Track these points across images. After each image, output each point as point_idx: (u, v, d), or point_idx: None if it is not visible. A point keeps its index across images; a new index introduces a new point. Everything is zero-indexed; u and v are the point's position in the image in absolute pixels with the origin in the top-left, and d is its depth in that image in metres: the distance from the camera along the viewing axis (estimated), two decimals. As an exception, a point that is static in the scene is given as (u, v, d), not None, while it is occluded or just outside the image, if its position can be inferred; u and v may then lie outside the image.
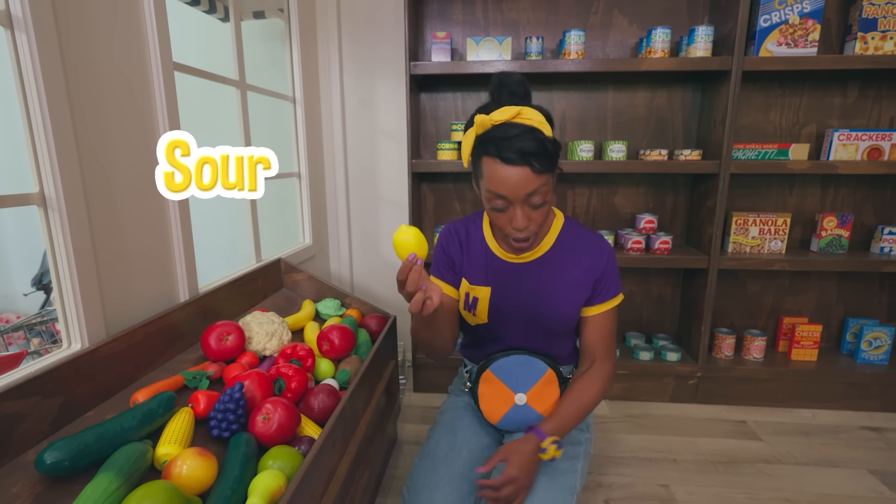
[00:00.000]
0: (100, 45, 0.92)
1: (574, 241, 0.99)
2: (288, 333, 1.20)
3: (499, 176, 0.82)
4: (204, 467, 0.72)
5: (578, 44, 1.67)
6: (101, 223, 0.93)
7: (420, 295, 0.77)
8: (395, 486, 1.39)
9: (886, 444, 1.61)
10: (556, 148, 0.84)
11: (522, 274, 0.99)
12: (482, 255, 1.01)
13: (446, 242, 1.04)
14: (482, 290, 0.99)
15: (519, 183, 0.81)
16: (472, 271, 1.01)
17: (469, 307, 1.02)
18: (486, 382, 1.02)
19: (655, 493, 1.38)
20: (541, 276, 0.98)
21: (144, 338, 0.96)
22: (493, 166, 0.83)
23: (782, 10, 1.58)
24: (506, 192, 0.83)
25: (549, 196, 0.86)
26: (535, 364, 1.00)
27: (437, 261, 1.06)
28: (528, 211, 0.85)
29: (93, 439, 0.70)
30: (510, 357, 1.01)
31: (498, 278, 0.99)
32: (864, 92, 1.78)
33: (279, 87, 1.74)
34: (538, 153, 0.80)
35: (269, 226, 1.74)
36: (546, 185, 0.84)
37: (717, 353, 1.88)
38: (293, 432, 0.88)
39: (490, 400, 1.02)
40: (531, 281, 0.99)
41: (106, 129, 0.94)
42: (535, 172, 0.81)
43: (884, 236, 1.76)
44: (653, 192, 1.94)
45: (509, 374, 1.01)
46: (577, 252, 0.98)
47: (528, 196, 0.83)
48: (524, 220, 0.85)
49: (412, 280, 0.77)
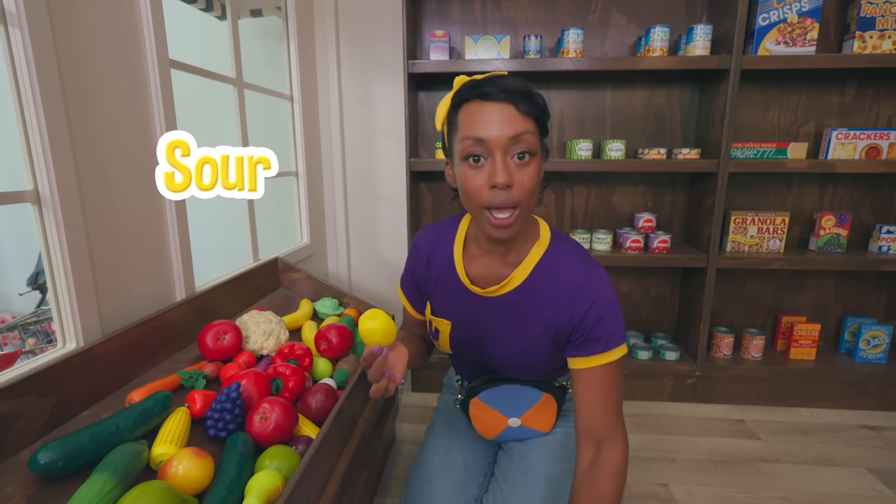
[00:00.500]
0: (95, 42, 0.91)
1: (553, 275, 0.79)
2: (285, 333, 1.19)
3: (478, 117, 0.69)
4: (200, 467, 0.72)
5: (577, 42, 1.66)
6: (97, 221, 0.92)
7: (383, 382, 0.74)
8: (393, 487, 1.38)
9: (885, 443, 1.61)
10: (542, 101, 0.72)
11: (486, 312, 0.84)
12: (447, 278, 0.87)
13: (414, 253, 0.93)
14: (443, 322, 0.89)
15: (500, 120, 0.68)
16: (435, 298, 0.90)
17: (432, 335, 0.93)
18: (476, 408, 0.94)
19: (655, 493, 1.37)
20: (506, 318, 0.82)
21: (140, 337, 0.95)
22: (471, 108, 0.70)
23: (781, 8, 1.58)
24: (484, 134, 0.68)
25: (537, 155, 0.71)
26: (528, 392, 0.91)
27: (406, 273, 0.96)
28: (511, 165, 0.69)
29: (87, 439, 0.70)
30: (500, 387, 0.92)
31: (459, 312, 0.86)
32: (862, 91, 1.78)
33: (277, 86, 1.74)
34: (524, 93, 0.69)
35: (267, 225, 1.73)
36: (534, 136, 0.70)
37: (715, 352, 1.88)
38: (290, 432, 0.88)
39: (482, 422, 0.95)
40: (494, 323, 0.84)
41: (101, 126, 0.93)
42: (519, 112, 0.68)
43: (882, 235, 1.76)
44: (651, 192, 1.93)
45: (500, 401, 0.93)
46: (554, 290, 0.79)
47: (510, 140, 0.68)
48: (505, 174, 0.68)
49: (374, 371, 0.73)
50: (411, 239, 1.79)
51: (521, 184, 0.70)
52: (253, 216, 1.56)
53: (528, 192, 0.71)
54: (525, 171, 0.70)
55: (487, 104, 0.69)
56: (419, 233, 0.94)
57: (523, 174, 0.70)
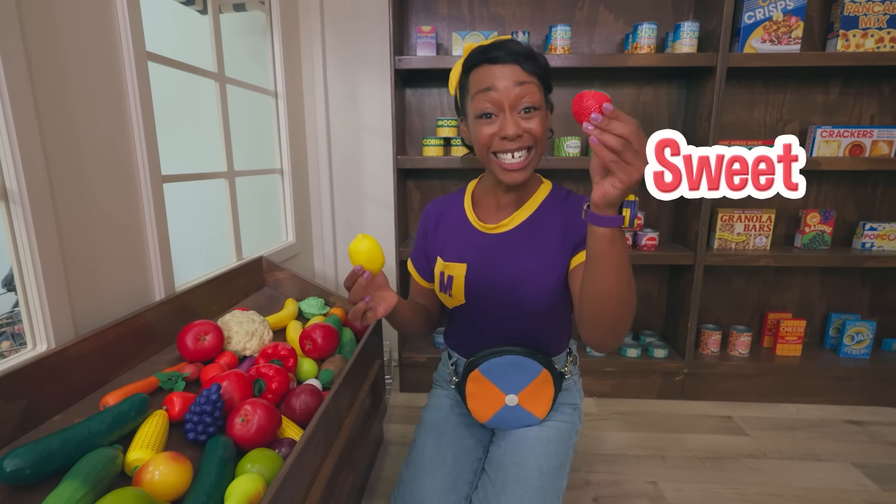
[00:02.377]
0: (66, 31, 0.88)
1: (556, 204, 0.92)
2: (269, 333, 1.16)
3: (488, 76, 0.80)
4: (177, 472, 0.69)
5: (565, 39, 1.66)
6: (69, 217, 0.89)
7: (361, 305, 0.80)
8: (381, 489, 1.36)
9: (869, 438, 1.62)
10: (545, 61, 0.83)
11: (501, 246, 0.92)
12: (459, 227, 0.97)
13: (423, 221, 1.03)
14: (457, 266, 0.93)
15: (507, 79, 0.78)
16: (448, 246, 0.96)
17: (444, 287, 0.96)
18: (474, 382, 0.94)
19: (644, 490, 1.37)
20: (517, 248, 0.90)
21: (116, 338, 0.91)
22: (481, 71, 0.81)
23: (766, 6, 1.59)
24: (496, 85, 0.79)
25: (542, 109, 0.82)
26: (529, 365, 0.92)
27: (416, 245, 1.05)
28: (519, 119, 0.80)
29: (58, 445, 0.66)
30: (501, 358, 0.92)
31: (474, 252, 0.93)
32: (846, 89, 1.79)
33: (260, 82, 1.70)
34: (528, 54, 0.80)
35: (251, 223, 1.70)
36: (538, 92, 0.81)
37: (703, 349, 1.88)
38: (273, 434, 0.85)
39: (478, 399, 0.95)
40: (509, 254, 0.91)
41: (74, 119, 0.90)
42: (525, 71, 0.79)
43: (865, 232, 1.78)
44: (639, 189, 1.93)
45: (500, 375, 0.93)
46: (558, 215, 0.90)
47: (518, 95, 0.79)
48: (515, 127, 0.79)
49: (355, 291, 0.80)
50: (398, 236, 1.77)
51: (529, 130, 0.80)
52: (236, 214, 1.52)
53: (538, 135, 0.81)
54: (532, 120, 0.80)
55: (496, 66, 0.79)
56: (428, 205, 1.05)
57: (531, 122, 0.80)
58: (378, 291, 0.85)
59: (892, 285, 1.93)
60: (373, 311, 0.81)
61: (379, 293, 0.85)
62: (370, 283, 0.81)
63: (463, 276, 0.93)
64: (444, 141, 1.79)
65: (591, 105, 0.56)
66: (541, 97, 0.81)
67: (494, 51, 0.79)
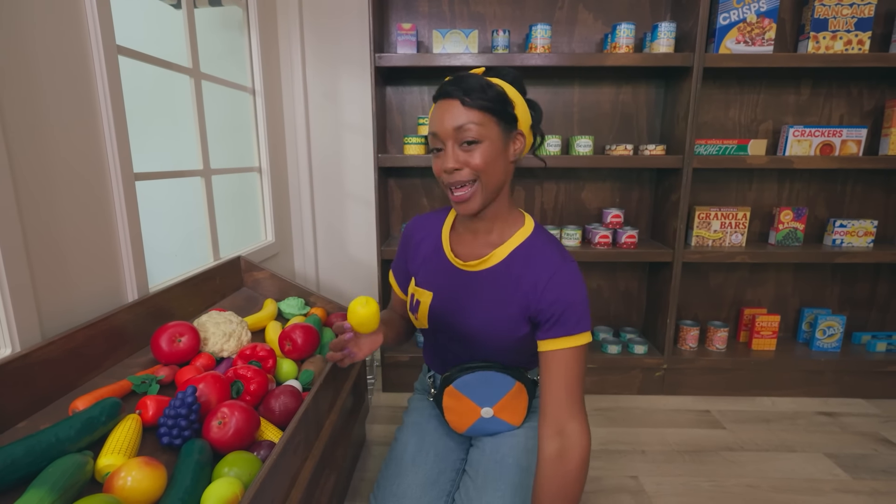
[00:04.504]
0: (31, 22, 0.84)
1: (529, 257, 0.86)
2: (247, 334, 1.14)
3: (436, 112, 0.81)
4: (151, 478, 0.67)
5: (545, 38, 1.66)
6: (34, 214, 0.85)
7: (338, 355, 0.88)
8: (363, 490, 1.34)
9: (840, 429, 1.67)
10: (500, 95, 0.78)
11: (466, 286, 0.90)
12: (433, 256, 0.96)
13: (405, 238, 1.03)
14: (425, 294, 0.94)
15: (446, 114, 0.78)
16: (421, 271, 0.97)
17: (412, 308, 0.97)
18: (450, 396, 0.96)
19: (625, 485, 1.38)
20: (483, 293, 0.88)
21: (86, 341, 0.88)
22: (435, 107, 0.82)
23: (740, 8, 1.62)
24: (436, 128, 0.80)
25: (487, 141, 0.78)
26: (501, 379, 0.92)
27: (397, 258, 1.05)
28: (459, 152, 0.79)
29: (22, 452, 0.64)
30: (474, 374, 0.93)
31: (442, 284, 0.93)
32: (816, 90, 1.84)
33: (237, 79, 1.67)
34: (473, 90, 0.77)
35: (229, 223, 1.67)
36: (482, 126, 0.77)
37: (682, 344, 1.92)
38: (252, 437, 0.83)
39: (455, 413, 0.96)
40: (471, 297, 0.89)
41: (39, 114, 0.86)
42: (464, 106, 0.77)
43: (835, 229, 1.83)
44: (619, 187, 1.96)
45: (474, 390, 0.93)
46: (528, 270, 0.85)
47: (456, 131, 0.78)
48: (453, 160, 0.79)
49: (337, 342, 0.88)
50: (380, 235, 1.76)
51: (467, 162, 0.79)
52: (213, 213, 1.49)
53: (479, 168, 0.79)
54: (472, 153, 0.79)
55: (442, 102, 0.80)
56: (410, 221, 1.04)
57: (471, 156, 0.79)
58: (363, 340, 0.92)
59: (861, 280, 1.99)
60: (350, 356, 0.89)
61: (364, 341, 0.92)
62: (354, 339, 0.90)
63: (428, 304, 0.94)
64: (425, 139, 1.78)
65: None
66: (485, 131, 0.78)
67: (446, 86, 0.80)
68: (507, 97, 0.80)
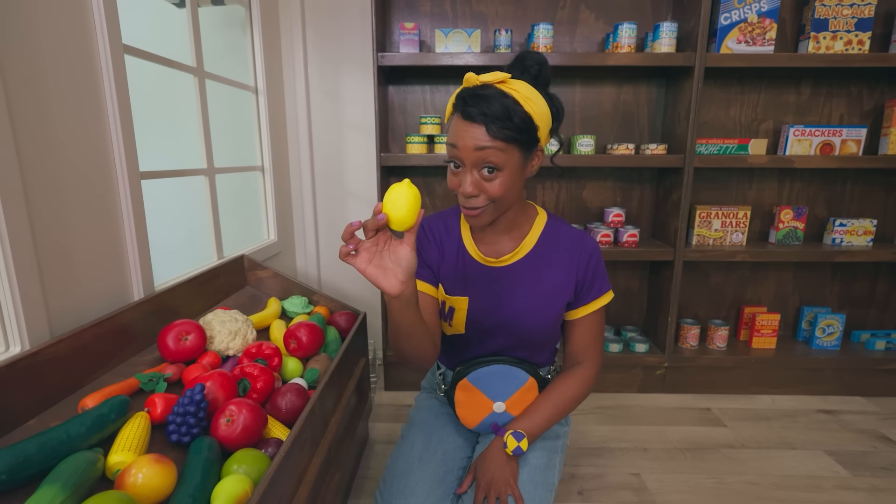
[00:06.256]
0: (39, 23, 0.85)
1: (555, 240, 0.94)
2: (253, 332, 1.14)
3: (456, 129, 0.79)
4: (161, 474, 0.67)
5: (547, 38, 1.67)
6: (44, 215, 0.86)
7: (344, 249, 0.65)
8: (367, 487, 1.35)
9: (840, 426, 1.68)
10: (525, 122, 0.77)
11: (501, 281, 0.93)
12: (459, 258, 0.95)
13: (421, 246, 0.96)
14: (459, 300, 0.94)
15: (471, 138, 0.77)
16: (449, 279, 0.95)
17: (445, 317, 0.96)
18: (462, 390, 0.97)
19: (627, 482, 1.39)
20: (521, 282, 0.93)
21: (94, 339, 0.89)
22: (455, 119, 0.80)
23: (741, 8, 1.63)
24: (458, 144, 0.78)
25: (508, 168, 0.79)
26: (516, 373, 0.95)
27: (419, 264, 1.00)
28: (479, 179, 0.80)
29: (34, 449, 0.64)
30: (489, 367, 0.96)
31: (475, 286, 0.93)
32: (817, 90, 1.85)
33: (240, 78, 1.67)
34: (500, 118, 0.76)
35: (232, 222, 1.67)
36: (504, 153, 0.77)
37: (682, 343, 1.93)
38: (259, 434, 0.84)
39: (467, 407, 0.97)
40: (510, 289, 0.93)
41: (47, 114, 0.86)
42: (489, 134, 0.76)
43: (835, 228, 1.84)
44: (620, 186, 1.97)
45: (487, 383, 0.96)
46: (557, 253, 0.93)
47: (478, 157, 0.77)
48: (471, 187, 0.80)
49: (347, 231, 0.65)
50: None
51: (486, 191, 0.81)
52: (216, 212, 1.49)
53: (496, 196, 0.81)
54: (492, 182, 0.80)
55: (465, 122, 0.78)
56: (424, 220, 1.00)
57: (490, 184, 0.80)
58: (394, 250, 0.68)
59: (860, 279, 2.01)
60: (352, 256, 0.66)
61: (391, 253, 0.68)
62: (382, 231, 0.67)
63: (465, 310, 0.94)
64: (427, 138, 1.78)
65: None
66: (507, 158, 0.78)
67: (470, 105, 0.77)
68: (532, 122, 0.78)
